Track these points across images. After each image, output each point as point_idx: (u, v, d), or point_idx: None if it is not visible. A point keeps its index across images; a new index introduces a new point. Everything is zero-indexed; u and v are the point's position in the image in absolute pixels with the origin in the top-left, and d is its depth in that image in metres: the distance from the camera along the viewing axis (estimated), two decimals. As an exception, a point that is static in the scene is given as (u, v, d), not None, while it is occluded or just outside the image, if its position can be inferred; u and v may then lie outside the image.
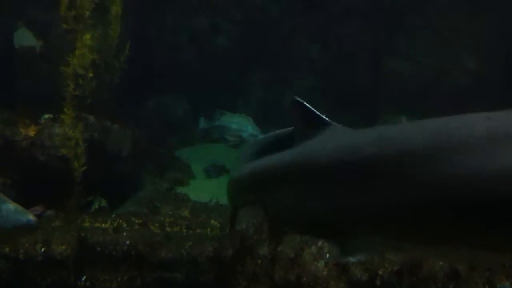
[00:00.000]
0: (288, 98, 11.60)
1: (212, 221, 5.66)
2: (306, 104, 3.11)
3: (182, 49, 11.18)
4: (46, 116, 6.83)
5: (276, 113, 10.93)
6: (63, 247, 5.18)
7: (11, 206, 3.68)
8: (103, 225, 5.62)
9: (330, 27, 11.15)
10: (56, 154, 6.53)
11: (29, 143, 6.67)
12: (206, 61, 11.18)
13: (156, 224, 5.61)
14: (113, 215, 5.90)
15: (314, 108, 3.27)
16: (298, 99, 3.17)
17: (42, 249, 5.19)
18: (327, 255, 4.60)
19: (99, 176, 6.41)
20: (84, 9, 6.33)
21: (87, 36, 6.23)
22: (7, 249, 5.24)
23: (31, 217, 3.72)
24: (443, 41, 10.81)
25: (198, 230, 5.61)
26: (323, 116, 3.07)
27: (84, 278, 5.15)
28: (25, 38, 8.69)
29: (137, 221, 5.68)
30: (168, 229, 5.55)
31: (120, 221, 5.71)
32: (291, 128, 3.40)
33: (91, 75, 6.36)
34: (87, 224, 5.71)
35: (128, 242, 5.25)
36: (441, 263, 4.25)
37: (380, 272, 4.36)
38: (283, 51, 11.27)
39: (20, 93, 8.63)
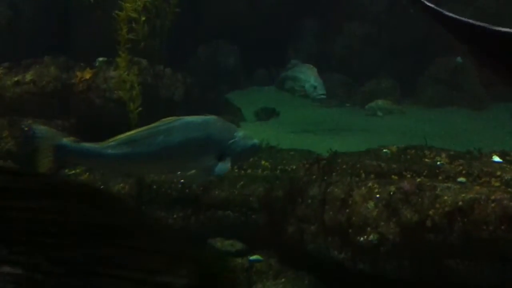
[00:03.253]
0: (339, 46, 11.44)
1: (263, 162, 5.74)
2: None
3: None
4: (101, 59, 6.99)
5: (327, 61, 10.83)
6: (121, 185, 5.40)
7: (241, 133, 4.24)
8: (158, 165, 5.79)
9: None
10: (111, 97, 6.72)
11: (85, 86, 6.87)
12: (256, 10, 11.08)
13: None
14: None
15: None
16: None
17: (101, 187, 5.43)
18: (377, 196, 4.62)
19: (153, 119, 6.56)
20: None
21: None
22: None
23: (256, 141, 4.31)
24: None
25: (249, 171, 5.72)
26: None
27: (141, 214, 5.38)
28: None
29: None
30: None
31: (174, 161, 5.86)
32: None
33: (144, 19, 6.44)
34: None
35: (182, 181, 5.42)
36: (492, 205, 4.21)
37: (430, 213, 4.35)
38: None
39: (75, 39, 8.83)
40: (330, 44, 11.22)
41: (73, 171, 5.67)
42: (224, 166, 4.10)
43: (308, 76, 7.71)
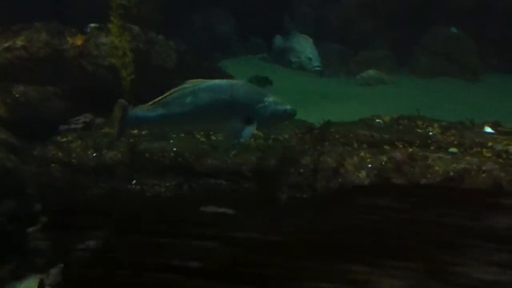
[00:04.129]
0: (335, 14, 11.33)
1: (256, 131, 5.75)
2: None
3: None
4: (93, 25, 6.90)
5: (323, 30, 10.74)
6: (114, 152, 5.39)
7: (271, 98, 4.29)
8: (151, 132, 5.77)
9: None
10: (103, 63, 6.66)
11: (77, 52, 6.79)
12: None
13: (201, 133, 5.74)
14: (160, 124, 6.04)
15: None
16: None
17: (94, 154, 5.42)
18: (369, 165, 4.65)
19: (145, 86, 6.52)
20: None
21: None
22: (60, 154, 5.48)
23: (288, 107, 4.34)
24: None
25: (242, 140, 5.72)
26: None
27: (134, 182, 5.39)
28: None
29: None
30: (213, 138, 5.68)
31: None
32: None
33: (136, -16, 6.34)
34: (135, 131, 5.87)
35: (175, 149, 5.42)
36: (483, 175, 4.24)
37: (422, 183, 4.39)
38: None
39: (67, 5, 8.69)
40: (326, 13, 11.11)
41: (65, 138, 5.65)
42: (250, 130, 4.26)
43: (304, 48, 7.66)
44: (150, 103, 4.33)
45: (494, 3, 10.25)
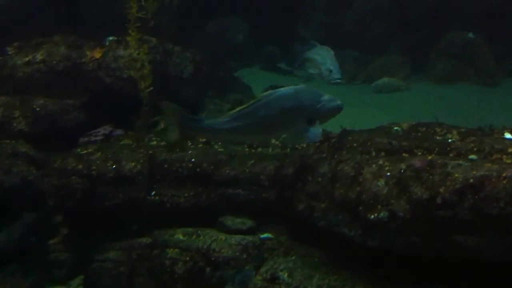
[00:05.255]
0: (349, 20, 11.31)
1: (273, 141, 5.76)
2: None
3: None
4: (111, 38, 6.99)
5: (337, 36, 10.75)
6: (133, 163, 5.44)
7: (326, 97, 4.65)
8: (169, 143, 5.82)
9: None
10: (121, 75, 6.74)
11: (96, 65, 6.88)
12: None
13: (219, 143, 5.78)
14: (178, 135, 6.08)
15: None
16: None
17: (114, 166, 5.47)
18: (388, 173, 4.61)
19: (162, 97, 6.58)
20: None
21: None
22: (80, 166, 5.54)
23: (339, 101, 4.69)
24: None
25: (260, 149, 5.74)
26: None
27: (153, 193, 5.43)
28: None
29: (201, 139, 5.86)
30: (230, 147, 5.70)
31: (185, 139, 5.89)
32: None
33: (153, -4, 6.42)
34: (154, 142, 5.93)
35: (193, 159, 5.45)
36: (504, 181, 4.19)
37: (441, 190, 4.34)
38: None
39: (84, 18, 8.81)
40: (340, 19, 11.12)
41: (85, 151, 5.71)
42: (316, 130, 4.60)
43: (324, 59, 7.68)
44: (226, 115, 4.67)
45: (508, 6, 10.19)
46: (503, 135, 4.87)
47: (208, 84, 7.98)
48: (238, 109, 4.57)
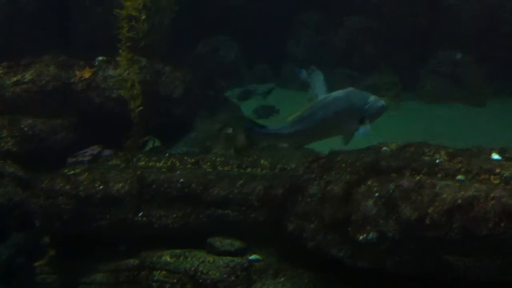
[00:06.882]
0: (339, 39, 11.36)
1: (262, 161, 5.75)
2: None
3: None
4: (100, 58, 6.99)
5: (328, 55, 10.82)
6: (121, 184, 5.40)
7: (372, 98, 5.05)
8: (158, 164, 5.81)
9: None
10: (111, 95, 6.73)
11: (85, 85, 6.86)
12: (256, 4, 11.06)
13: (208, 163, 5.76)
14: (167, 155, 6.08)
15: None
16: None
17: (101, 187, 5.43)
18: (376, 194, 4.61)
19: (152, 117, 6.58)
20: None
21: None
22: (67, 187, 5.50)
23: (383, 101, 5.10)
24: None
25: (249, 169, 5.72)
26: None
27: (141, 214, 5.39)
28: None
29: (190, 160, 5.84)
30: (219, 168, 5.69)
31: (174, 160, 5.88)
32: None
33: (144, 17, 6.45)
34: (142, 163, 5.90)
35: (182, 180, 5.42)
36: (492, 202, 4.20)
37: (430, 211, 4.34)
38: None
39: (75, 37, 8.83)
40: (331, 38, 11.19)
41: (73, 171, 5.68)
42: (366, 128, 4.99)
43: (314, 83, 7.82)
44: (287, 120, 5.03)
45: (498, 26, 10.31)
46: (491, 155, 4.89)
47: (198, 104, 7.98)
48: (297, 114, 4.96)
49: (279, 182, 5.31)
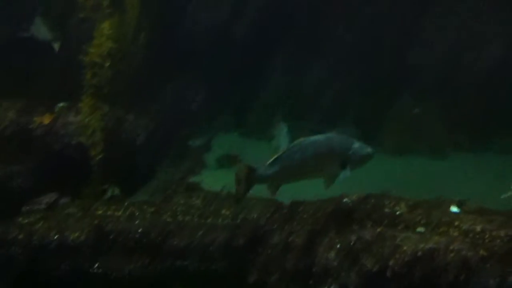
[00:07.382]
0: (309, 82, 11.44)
1: (224, 211, 5.67)
2: None
3: (201, 36, 11.14)
4: (61, 104, 6.91)
5: (296, 98, 10.86)
6: (77, 234, 5.25)
7: (357, 145, 5.16)
8: (116, 213, 5.67)
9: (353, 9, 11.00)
10: (70, 142, 6.61)
11: (44, 131, 6.75)
12: (225, 48, 11.14)
13: (168, 213, 5.65)
14: (126, 203, 5.95)
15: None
16: None
17: (56, 236, 5.27)
18: (338, 245, 4.61)
19: (113, 165, 6.48)
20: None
21: (105, 25, 6.29)
22: (21, 236, 5.32)
23: (369, 149, 5.19)
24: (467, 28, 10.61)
25: (210, 219, 5.64)
26: None
27: (97, 265, 5.23)
28: (41, 31, 8.78)
29: (149, 209, 5.73)
30: (180, 217, 5.59)
31: (133, 209, 5.76)
32: None
33: (108, 64, 6.43)
34: (100, 212, 5.76)
35: (140, 230, 5.31)
36: (452, 254, 4.23)
37: (390, 263, 4.35)
38: (303, 34, 11.15)
39: (36, 82, 8.72)
40: (297, 84, 11.28)
41: (27, 220, 5.50)
42: (346, 173, 5.00)
43: (277, 136, 7.92)
44: (267, 162, 5.04)
45: (461, 77, 10.57)
46: (450, 208, 4.95)
47: (161, 152, 7.91)
48: (276, 155, 5.03)
49: (241, 233, 5.25)
